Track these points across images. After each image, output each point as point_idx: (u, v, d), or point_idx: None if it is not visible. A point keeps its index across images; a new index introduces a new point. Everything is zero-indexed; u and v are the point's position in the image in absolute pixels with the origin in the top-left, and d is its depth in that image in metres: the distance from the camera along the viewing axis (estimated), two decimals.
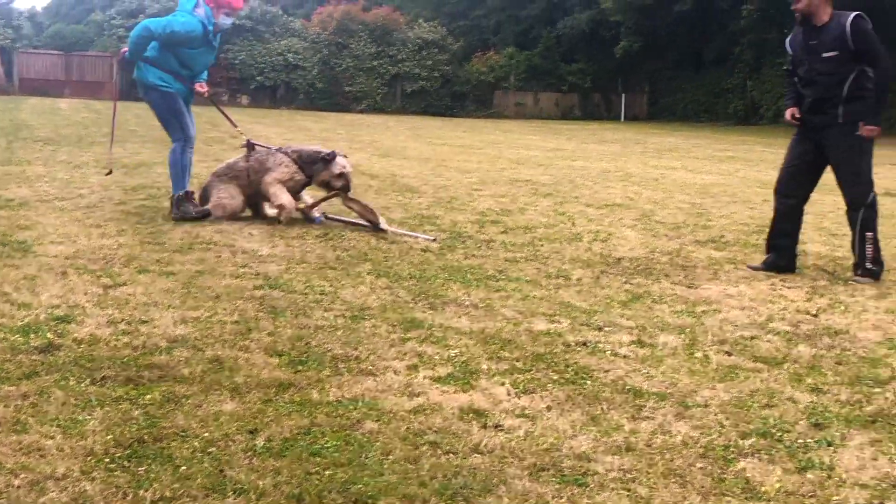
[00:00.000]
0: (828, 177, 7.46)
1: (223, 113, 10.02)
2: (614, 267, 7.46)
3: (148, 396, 4.03)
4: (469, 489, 3.25)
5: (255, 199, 9.22)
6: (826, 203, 11.51)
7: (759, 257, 7.80)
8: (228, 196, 8.95)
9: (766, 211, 11.25)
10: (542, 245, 8.35)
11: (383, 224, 8.76)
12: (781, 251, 7.51)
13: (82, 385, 4.14)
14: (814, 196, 7.69)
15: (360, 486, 3.23)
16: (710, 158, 20.72)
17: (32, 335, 4.82)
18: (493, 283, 6.68)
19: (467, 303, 6.02)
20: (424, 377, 4.47)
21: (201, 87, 9.05)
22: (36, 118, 23.93)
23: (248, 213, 9.17)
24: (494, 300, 6.13)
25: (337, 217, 9.07)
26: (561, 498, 3.23)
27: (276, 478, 3.28)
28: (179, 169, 8.86)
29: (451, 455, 3.55)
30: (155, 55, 8.76)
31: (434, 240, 8.30)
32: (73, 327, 5.01)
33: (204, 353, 4.67)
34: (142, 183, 11.33)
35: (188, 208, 8.79)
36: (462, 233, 8.84)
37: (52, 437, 3.53)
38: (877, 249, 7.27)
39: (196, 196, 9.03)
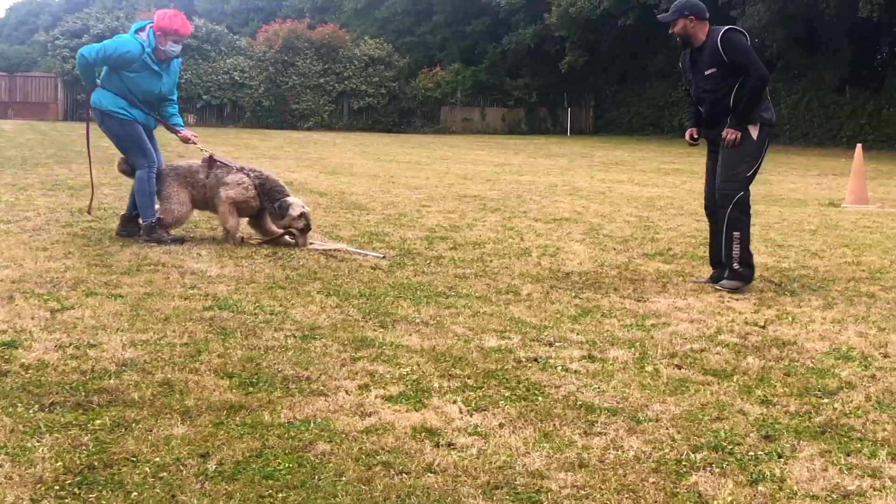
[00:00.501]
0: (766, 188, 7.57)
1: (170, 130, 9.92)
2: (563, 281, 7.50)
3: (98, 422, 3.99)
4: None
5: (203, 209, 9.21)
6: (771, 214, 11.68)
7: (707, 269, 7.89)
8: (178, 203, 8.87)
9: None
10: (491, 261, 8.38)
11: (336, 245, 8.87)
12: (723, 266, 7.57)
13: (30, 411, 4.09)
14: (759, 208, 7.80)
15: None
16: (656, 171, 20.93)
17: None
18: (443, 299, 6.69)
19: (418, 320, 6.02)
20: (376, 396, 4.46)
21: (187, 135, 9.20)
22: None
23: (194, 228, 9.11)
24: (445, 317, 6.14)
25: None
26: None
27: (228, 502, 3.26)
28: (148, 196, 8.78)
29: (405, 475, 3.55)
30: (105, 78, 8.77)
31: (383, 257, 8.30)
32: (20, 352, 4.94)
33: (154, 377, 4.63)
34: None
35: (162, 235, 8.71)
36: (411, 250, 8.85)
37: (0, 466, 3.48)
38: (744, 251, 7.37)
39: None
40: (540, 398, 4.52)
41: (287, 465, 3.60)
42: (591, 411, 4.35)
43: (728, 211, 7.36)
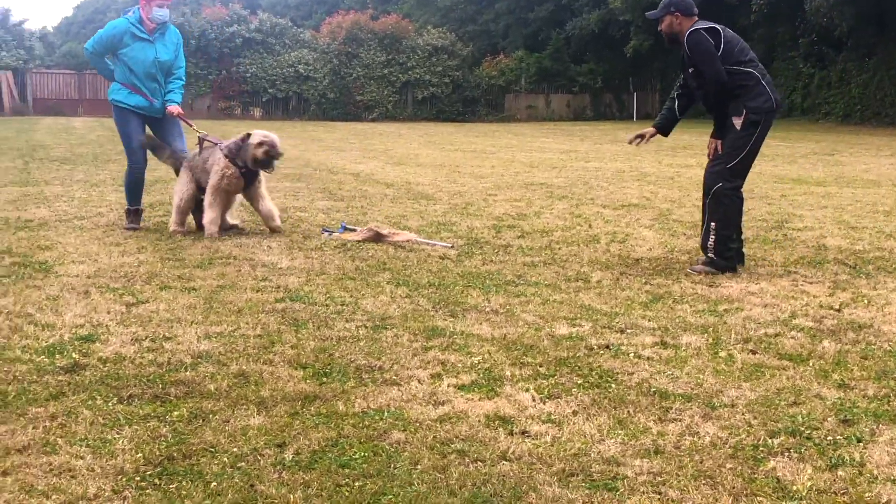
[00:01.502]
0: (838, 169, 7.44)
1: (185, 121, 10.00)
2: (633, 268, 7.45)
3: (175, 413, 4.05)
4: (499, 497, 3.25)
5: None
6: (844, 196, 11.50)
7: (779, 253, 7.78)
8: (178, 191, 9.08)
9: (783, 206, 11.26)
10: (559, 248, 8.35)
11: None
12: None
13: (110, 404, 4.16)
14: (831, 189, 7.68)
15: (391, 496, 3.24)
16: None
17: (58, 355, 4.85)
18: (513, 288, 6.69)
19: (488, 309, 6.02)
20: (449, 385, 4.47)
21: (172, 110, 9.18)
22: (51, 138, 24.06)
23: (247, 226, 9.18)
24: (515, 305, 6.13)
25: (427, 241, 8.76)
26: (591, 503, 3.23)
27: (306, 491, 3.29)
28: (126, 186, 9.35)
29: (480, 463, 3.56)
30: (114, 69, 9.18)
31: (451, 247, 8.31)
32: (97, 346, 5.03)
33: (229, 368, 4.69)
34: (159, 199, 11.40)
35: (127, 222, 9.27)
36: (479, 239, 8.85)
37: (82, 458, 3.55)
38: (721, 243, 7.27)
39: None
40: (613, 385, 4.50)
41: (362, 453, 3.63)
42: (665, 398, 4.32)
43: (708, 200, 7.37)
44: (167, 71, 9.22)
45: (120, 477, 3.39)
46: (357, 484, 3.35)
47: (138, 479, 3.38)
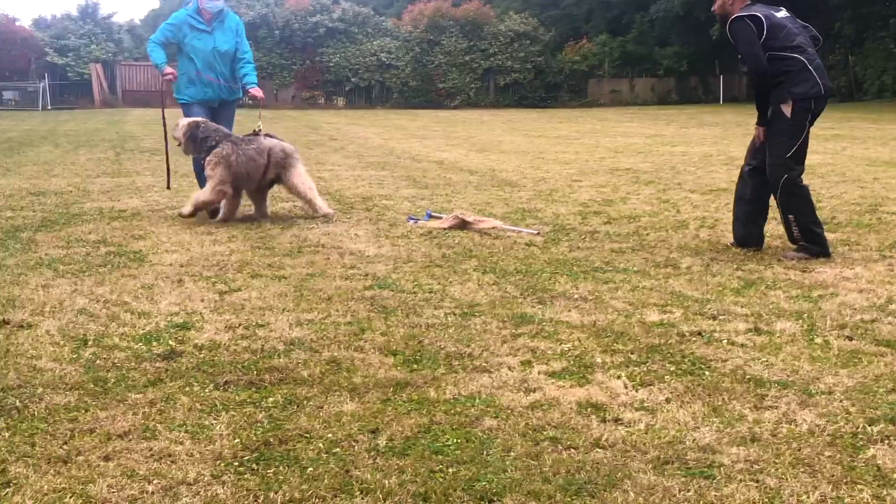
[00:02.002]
0: None
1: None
2: (724, 253, 7.36)
3: (270, 399, 4.11)
4: (594, 484, 3.24)
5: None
6: None
7: (873, 238, 7.63)
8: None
9: (877, 189, 11.02)
10: (647, 234, 8.28)
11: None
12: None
13: (206, 390, 4.23)
14: None
15: (485, 483, 3.25)
16: (815, 137, 20.19)
17: (154, 343, 4.94)
18: (601, 274, 6.65)
19: (576, 296, 6.00)
20: (539, 372, 4.47)
21: (256, 93, 9.44)
22: (140, 129, 24.51)
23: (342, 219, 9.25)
24: (603, 292, 6.10)
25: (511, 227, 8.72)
26: (688, 491, 3.20)
27: (400, 476, 3.31)
28: (195, 171, 9.78)
29: (573, 450, 3.54)
30: (178, 64, 9.50)
31: (538, 233, 8.28)
32: (192, 333, 5.12)
33: (321, 355, 4.73)
34: None
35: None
36: (565, 225, 8.81)
37: (181, 443, 3.62)
38: (805, 231, 7.19)
39: None
40: (707, 372, 4.45)
41: (455, 440, 3.64)
42: (760, 385, 4.26)
43: (778, 195, 7.25)
44: (230, 59, 9.46)
45: (218, 462, 3.45)
46: (451, 470, 3.37)
47: (236, 464, 3.44)
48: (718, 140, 20.20)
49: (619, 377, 4.37)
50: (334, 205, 10.05)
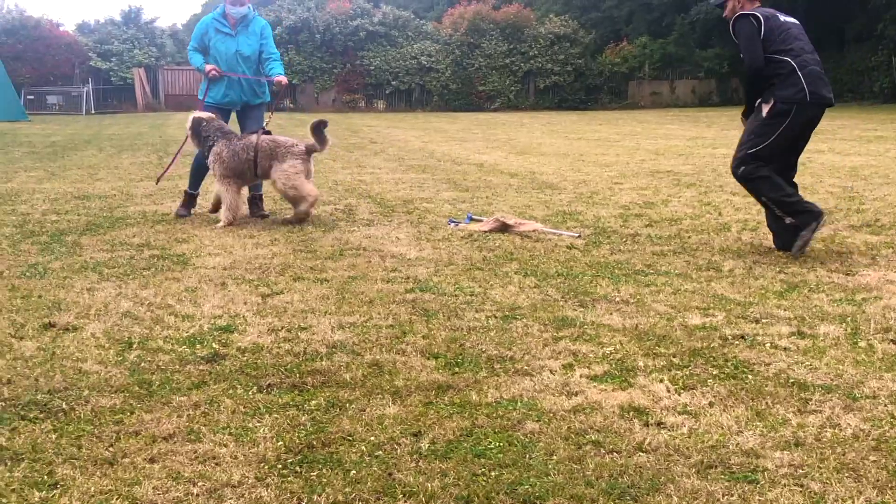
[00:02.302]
0: None
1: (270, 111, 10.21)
2: (766, 256, 7.31)
3: (313, 402, 4.13)
4: (637, 488, 3.23)
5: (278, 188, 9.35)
6: None
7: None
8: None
9: None
10: (689, 237, 8.24)
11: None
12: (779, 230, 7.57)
13: (250, 393, 4.26)
14: None
15: (527, 486, 3.25)
16: (857, 139, 20.13)
17: (198, 345, 4.99)
18: (643, 277, 6.63)
19: (617, 299, 5.98)
20: (581, 376, 4.46)
21: (281, 80, 9.56)
22: (183, 133, 24.51)
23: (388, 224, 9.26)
24: (645, 295, 6.08)
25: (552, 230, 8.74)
26: (732, 495, 3.18)
27: (443, 480, 3.32)
28: (193, 170, 9.88)
29: (616, 454, 3.54)
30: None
31: (578, 236, 8.27)
32: (236, 336, 5.16)
33: (363, 358, 4.76)
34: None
35: (179, 208, 9.81)
36: (606, 228, 8.79)
37: (225, 445, 3.65)
38: (784, 206, 7.31)
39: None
40: (750, 376, 4.42)
41: (497, 443, 3.64)
42: (804, 389, 4.23)
43: (744, 186, 7.61)
44: (253, 63, 9.65)
45: (262, 464, 3.48)
46: (493, 473, 3.37)
47: (280, 466, 3.46)
48: None
49: (661, 381, 4.36)
50: (375, 208, 10.08)
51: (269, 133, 9.25)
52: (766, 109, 7.29)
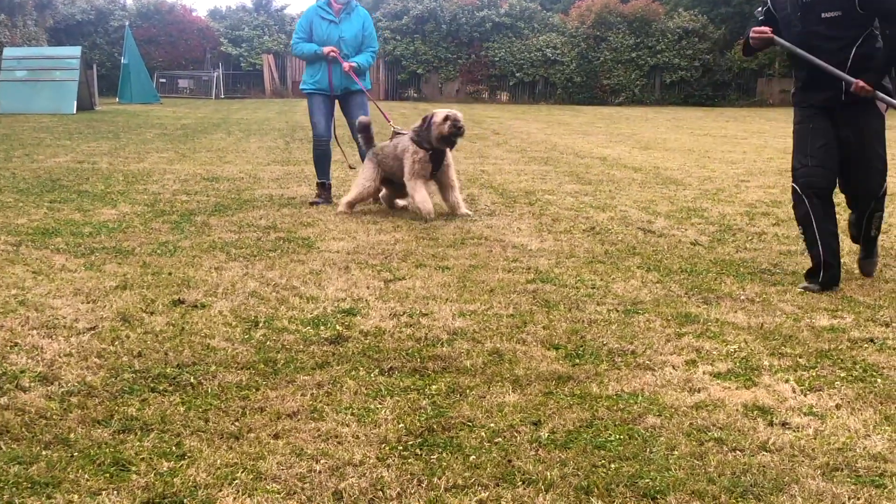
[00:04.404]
0: None
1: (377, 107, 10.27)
2: None
3: (434, 387, 4.16)
4: (760, 487, 3.18)
5: (389, 184, 9.32)
6: None
7: None
8: (365, 178, 9.18)
9: None
10: None
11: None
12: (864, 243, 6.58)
13: (372, 375, 4.32)
14: None
15: (648, 480, 3.23)
16: None
17: (322, 327, 5.07)
18: (769, 276, 6.51)
19: (742, 297, 5.88)
20: (704, 372, 4.40)
21: (345, 64, 9.69)
22: (309, 119, 25.00)
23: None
24: (771, 294, 5.96)
25: None
26: (858, 499, 3.11)
27: (562, 469, 3.31)
28: (313, 160, 10.20)
29: (738, 452, 3.49)
30: None
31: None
32: (358, 319, 5.23)
33: (483, 346, 4.77)
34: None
35: (315, 197, 9.90)
36: (731, 226, 8.65)
37: (347, 425, 3.71)
38: (816, 246, 6.15)
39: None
40: (879, 380, 4.31)
41: (618, 436, 3.62)
42: None
43: (879, 205, 6.38)
44: (355, 49, 9.84)
45: (383, 445, 3.52)
46: (613, 466, 3.35)
47: (400, 448, 3.50)
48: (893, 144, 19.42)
49: (786, 381, 4.28)
50: (497, 198, 10.10)
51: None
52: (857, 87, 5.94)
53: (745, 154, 16.62)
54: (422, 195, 8.77)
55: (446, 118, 8.70)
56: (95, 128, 20.20)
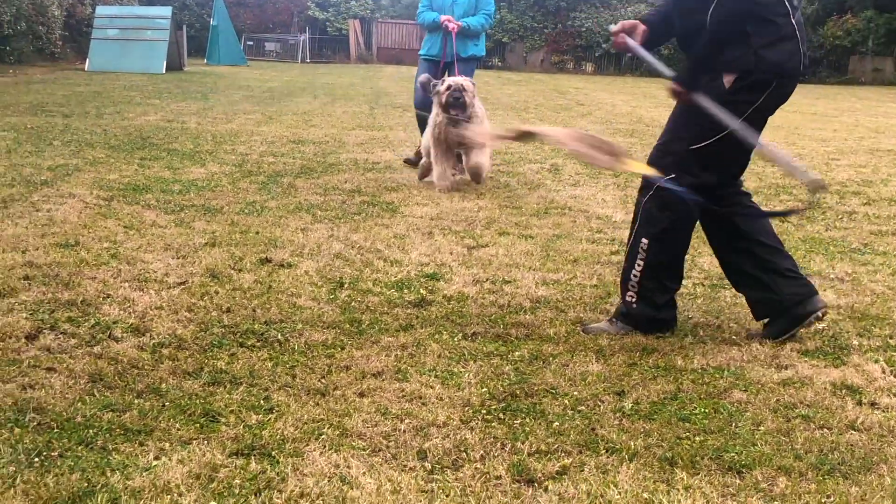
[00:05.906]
0: None
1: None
2: None
3: (517, 353, 4.17)
4: (847, 465, 3.14)
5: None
6: None
7: None
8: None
9: None
10: None
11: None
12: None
13: (455, 339, 4.34)
14: None
15: (733, 454, 3.20)
16: None
17: (406, 290, 5.10)
18: (859, 256, 6.39)
19: (832, 276, 5.79)
20: (791, 350, 4.35)
21: (444, 18, 9.69)
22: (394, 85, 25.10)
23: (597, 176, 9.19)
24: (861, 274, 5.85)
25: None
26: None
27: (646, 440, 3.30)
28: (420, 122, 9.89)
29: (826, 430, 3.44)
30: None
31: (811, 200, 7.98)
32: (442, 284, 5.25)
33: (567, 315, 4.77)
34: (495, 150, 11.64)
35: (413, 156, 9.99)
36: (821, 204, 8.49)
37: (431, 387, 3.73)
38: (650, 277, 4.59)
39: None
40: None
41: (703, 409, 3.60)
42: None
43: (643, 201, 4.83)
44: (468, 13, 9.82)
45: (467, 408, 3.54)
46: (698, 438, 3.33)
47: (484, 412, 3.52)
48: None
49: (876, 361, 4.21)
50: (581, 169, 10.03)
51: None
52: (728, 80, 4.63)
53: (836, 132, 16.28)
54: (439, 171, 8.57)
55: (448, 87, 8.59)
56: (184, 88, 20.45)
